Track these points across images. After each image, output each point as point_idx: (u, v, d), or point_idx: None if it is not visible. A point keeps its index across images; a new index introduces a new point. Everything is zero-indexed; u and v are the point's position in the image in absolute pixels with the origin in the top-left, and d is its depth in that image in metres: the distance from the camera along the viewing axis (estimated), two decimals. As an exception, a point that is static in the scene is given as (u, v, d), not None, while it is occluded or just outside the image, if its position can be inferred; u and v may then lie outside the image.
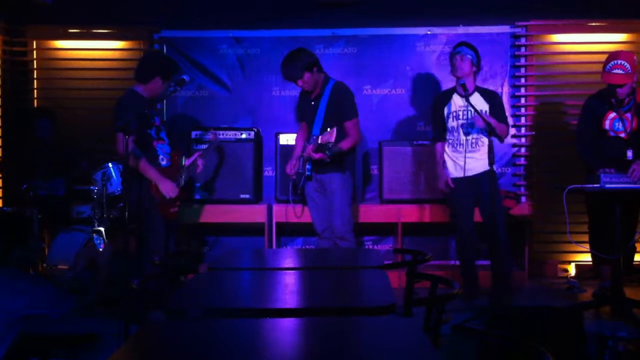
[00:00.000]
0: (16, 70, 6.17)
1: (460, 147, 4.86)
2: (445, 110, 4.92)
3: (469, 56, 4.81)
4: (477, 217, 4.98)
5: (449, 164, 4.94)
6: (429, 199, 5.56)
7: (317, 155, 4.61)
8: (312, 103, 4.83)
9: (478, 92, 4.89)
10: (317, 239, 4.98)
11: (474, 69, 4.88)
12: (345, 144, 4.66)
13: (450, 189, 4.94)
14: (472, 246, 4.93)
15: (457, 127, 4.86)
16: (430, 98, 5.47)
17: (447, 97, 4.96)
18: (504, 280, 4.79)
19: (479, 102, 4.80)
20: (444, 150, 4.98)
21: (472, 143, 4.85)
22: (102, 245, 4.73)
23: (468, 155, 4.83)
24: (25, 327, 2.95)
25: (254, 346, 1.89)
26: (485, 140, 4.69)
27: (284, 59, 4.76)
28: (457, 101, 4.89)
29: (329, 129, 4.47)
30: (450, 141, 4.92)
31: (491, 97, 4.87)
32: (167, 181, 4.41)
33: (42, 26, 6.15)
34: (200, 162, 4.74)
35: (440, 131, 4.99)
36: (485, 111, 4.76)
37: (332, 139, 4.43)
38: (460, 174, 4.86)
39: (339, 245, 4.72)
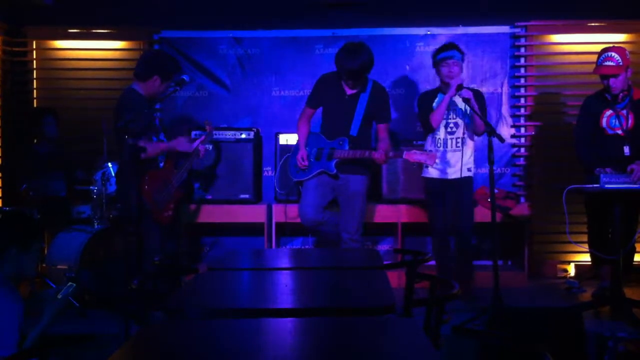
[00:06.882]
0: (16, 70, 6.17)
1: (442, 146, 4.85)
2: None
3: (458, 59, 4.78)
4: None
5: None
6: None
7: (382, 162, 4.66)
8: (348, 98, 4.72)
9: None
10: (311, 230, 4.93)
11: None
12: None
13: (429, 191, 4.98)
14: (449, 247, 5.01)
15: (441, 126, 4.84)
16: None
17: (434, 95, 4.90)
18: (466, 279, 4.87)
19: (460, 101, 4.77)
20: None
21: (455, 142, 4.85)
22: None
23: (451, 154, 4.83)
24: (25, 327, 2.94)
25: (254, 346, 1.89)
26: (470, 142, 4.83)
27: (367, 49, 4.60)
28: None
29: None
30: (434, 140, 4.89)
31: (475, 95, 4.73)
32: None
33: (42, 26, 6.15)
34: (202, 148, 4.73)
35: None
36: (466, 109, 4.77)
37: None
38: (439, 175, 4.85)
39: (351, 247, 4.73)
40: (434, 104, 4.86)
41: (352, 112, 4.69)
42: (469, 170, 4.85)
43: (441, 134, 4.85)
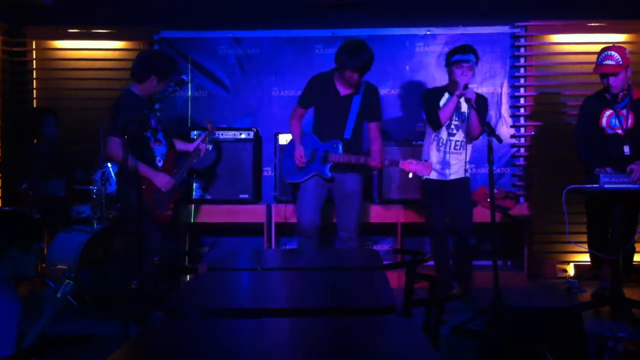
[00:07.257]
0: (16, 70, 6.16)
1: (443, 147, 4.86)
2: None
3: (473, 64, 4.76)
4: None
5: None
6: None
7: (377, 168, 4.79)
8: (341, 99, 4.71)
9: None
10: (303, 238, 4.85)
11: None
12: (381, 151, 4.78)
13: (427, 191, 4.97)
14: (447, 247, 5.02)
15: (445, 127, 4.84)
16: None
17: (440, 93, 4.91)
18: (465, 279, 4.88)
19: (463, 103, 4.79)
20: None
21: (454, 145, 4.86)
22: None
23: (451, 156, 4.84)
24: (25, 327, 2.94)
25: (253, 346, 1.89)
26: (469, 145, 4.86)
27: (368, 47, 4.58)
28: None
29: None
30: (436, 140, 4.90)
31: (477, 99, 4.75)
32: (162, 175, 4.39)
33: (42, 26, 6.14)
34: (202, 147, 4.73)
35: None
36: (469, 113, 4.77)
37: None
38: (438, 177, 4.86)
39: (349, 246, 4.73)
40: (441, 103, 4.86)
41: (346, 114, 4.70)
42: (466, 171, 4.87)
43: (442, 134, 4.85)
